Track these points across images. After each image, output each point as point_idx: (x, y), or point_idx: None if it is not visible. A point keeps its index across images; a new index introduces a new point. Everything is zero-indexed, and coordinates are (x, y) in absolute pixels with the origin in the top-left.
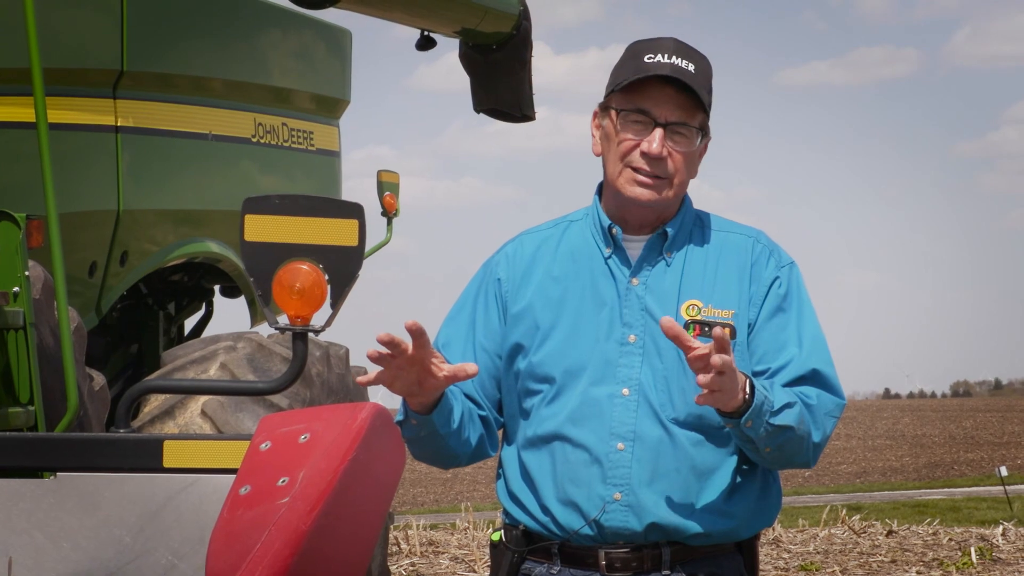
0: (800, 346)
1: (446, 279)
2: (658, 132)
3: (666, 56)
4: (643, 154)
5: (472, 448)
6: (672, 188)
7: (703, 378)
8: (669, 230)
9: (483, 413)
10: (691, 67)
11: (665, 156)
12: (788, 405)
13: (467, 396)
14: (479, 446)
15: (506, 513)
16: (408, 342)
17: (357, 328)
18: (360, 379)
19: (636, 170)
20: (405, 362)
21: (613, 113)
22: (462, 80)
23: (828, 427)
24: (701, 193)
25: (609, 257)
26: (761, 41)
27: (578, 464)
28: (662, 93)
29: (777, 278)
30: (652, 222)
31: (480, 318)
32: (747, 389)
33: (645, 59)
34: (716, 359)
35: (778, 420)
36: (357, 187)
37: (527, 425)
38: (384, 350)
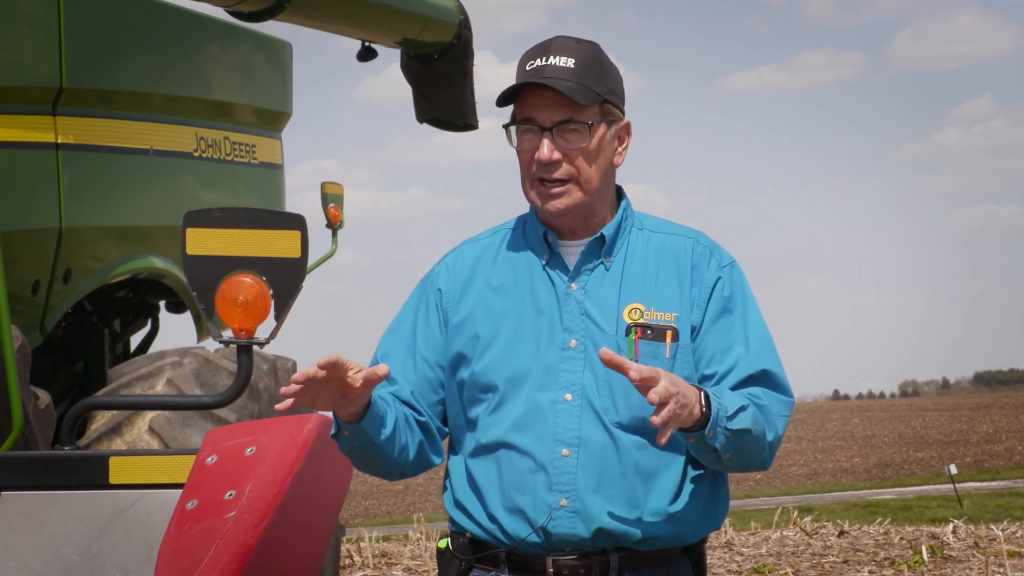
0: (747, 346)
1: (394, 290)
2: (545, 137)
3: (543, 59)
4: (538, 163)
5: (412, 456)
6: (582, 188)
7: (655, 418)
8: (606, 234)
9: (422, 419)
10: (570, 62)
11: (559, 159)
12: (742, 408)
13: (404, 403)
14: (420, 453)
15: (452, 521)
16: (318, 372)
17: (305, 341)
18: (278, 407)
19: (541, 182)
20: (319, 384)
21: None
22: (407, 91)
23: (780, 426)
24: (648, 198)
25: (547, 264)
26: (705, 46)
27: (524, 472)
28: (542, 97)
29: (720, 278)
30: (583, 227)
31: (421, 329)
32: (703, 401)
33: (527, 67)
34: (653, 395)
35: (735, 424)
36: (303, 201)
37: (473, 434)
38: (295, 388)
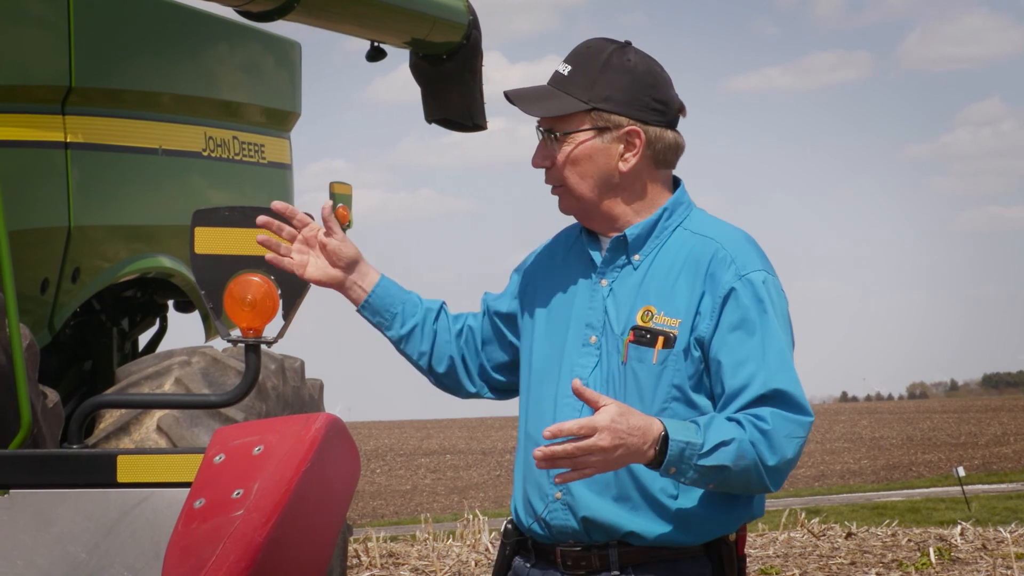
0: (763, 363)
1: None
2: (539, 144)
3: (559, 65)
4: None
5: (443, 368)
6: (571, 194)
7: (538, 452)
8: (628, 234)
9: (463, 346)
10: (567, 69)
11: (547, 165)
12: (723, 444)
13: (468, 327)
14: (452, 369)
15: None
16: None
17: (313, 341)
18: (268, 257)
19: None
20: (301, 245)
21: None
22: (416, 92)
23: (789, 449)
24: None
25: (589, 260)
26: (713, 48)
27: (533, 463)
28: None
29: (734, 289)
30: (608, 227)
31: (507, 290)
32: (657, 445)
33: None
34: (547, 431)
35: (709, 461)
36: (312, 201)
37: (519, 424)
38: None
